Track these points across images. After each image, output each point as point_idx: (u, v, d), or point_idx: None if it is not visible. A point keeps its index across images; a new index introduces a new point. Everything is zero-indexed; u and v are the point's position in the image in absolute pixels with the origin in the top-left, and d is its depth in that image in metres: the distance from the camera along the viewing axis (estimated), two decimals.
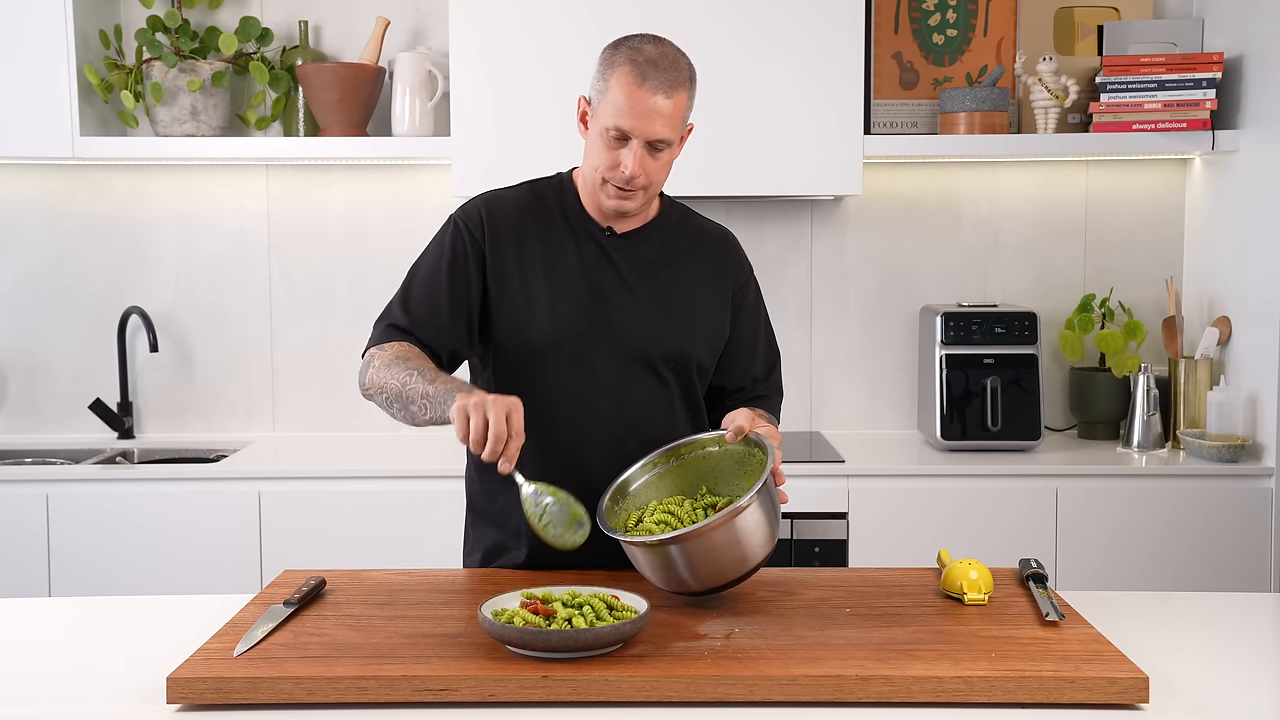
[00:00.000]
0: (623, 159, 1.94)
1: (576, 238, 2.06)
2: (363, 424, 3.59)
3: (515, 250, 2.04)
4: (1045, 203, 3.57)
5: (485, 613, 1.65)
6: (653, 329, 2.06)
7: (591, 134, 1.98)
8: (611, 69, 1.94)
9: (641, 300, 2.06)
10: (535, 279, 2.03)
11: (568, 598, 1.71)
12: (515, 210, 2.07)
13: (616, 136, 1.94)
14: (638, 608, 1.69)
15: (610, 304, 2.04)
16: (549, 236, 2.05)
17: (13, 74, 3.21)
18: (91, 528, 3.07)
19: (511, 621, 1.63)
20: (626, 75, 1.92)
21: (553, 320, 2.02)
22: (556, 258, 2.04)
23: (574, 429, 2.03)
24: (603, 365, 2.04)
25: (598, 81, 1.97)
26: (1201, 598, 2.12)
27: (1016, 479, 3.10)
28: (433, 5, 3.48)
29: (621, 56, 1.94)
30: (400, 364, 1.94)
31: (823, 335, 3.59)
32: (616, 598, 1.71)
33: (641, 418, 2.06)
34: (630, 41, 1.97)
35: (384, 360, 1.97)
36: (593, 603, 1.67)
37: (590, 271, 2.04)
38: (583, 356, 2.03)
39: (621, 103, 1.91)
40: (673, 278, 2.09)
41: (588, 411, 2.03)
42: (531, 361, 2.03)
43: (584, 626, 1.61)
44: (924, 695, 1.55)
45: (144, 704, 1.58)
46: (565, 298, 2.02)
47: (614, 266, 2.05)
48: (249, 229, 3.57)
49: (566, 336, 2.02)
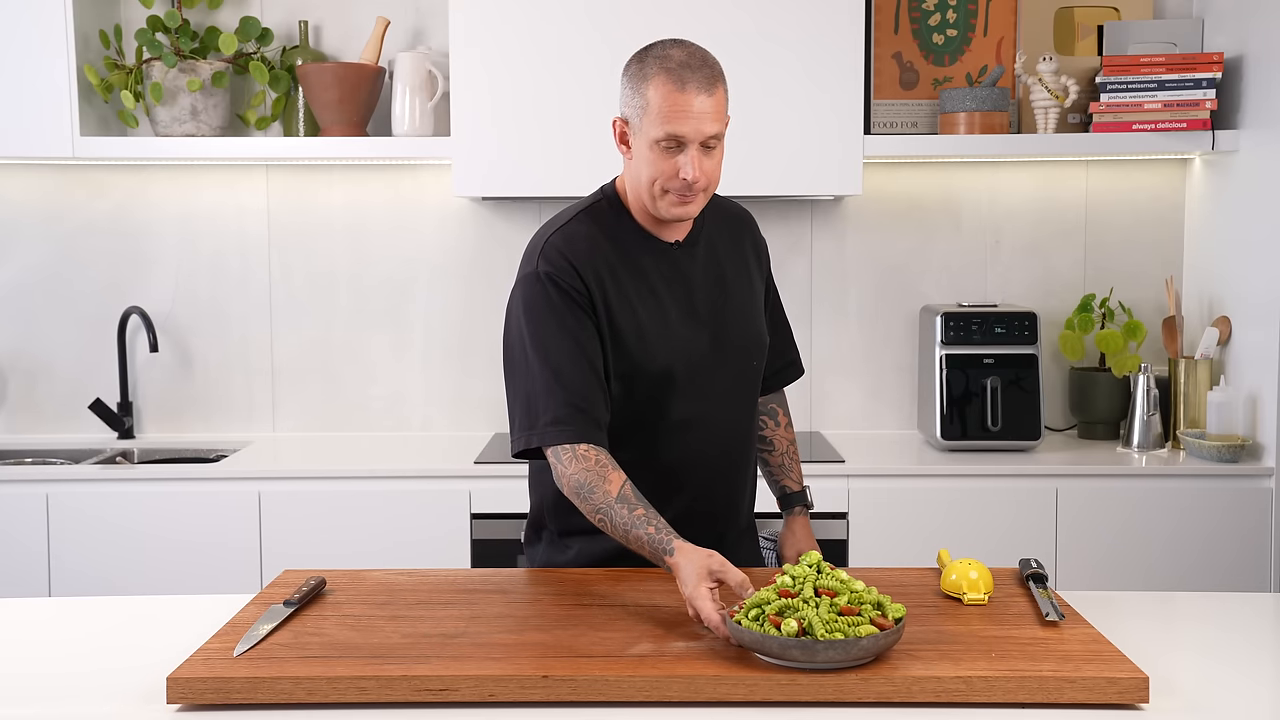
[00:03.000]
0: (682, 165, 1.92)
1: (651, 259, 2.03)
2: (363, 424, 3.59)
3: (613, 285, 1.98)
4: (1045, 203, 3.57)
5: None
6: (743, 328, 2.09)
7: (639, 149, 1.95)
8: (646, 82, 1.92)
9: (724, 304, 2.07)
10: (632, 311, 1.99)
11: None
12: (592, 246, 2.00)
13: (670, 146, 1.91)
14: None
15: (701, 316, 2.04)
16: (630, 264, 2.01)
17: (13, 74, 3.21)
18: (91, 528, 3.07)
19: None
20: (665, 83, 1.90)
21: (669, 346, 2.00)
22: (645, 284, 2.01)
23: (687, 446, 2.04)
24: (715, 377, 2.05)
25: (633, 97, 1.94)
26: (1202, 598, 2.12)
27: (1016, 479, 3.10)
28: (433, 5, 3.48)
29: (652, 68, 1.92)
30: (585, 496, 1.88)
31: (823, 335, 3.59)
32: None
33: (743, 421, 2.12)
34: (655, 51, 1.95)
35: (570, 485, 1.90)
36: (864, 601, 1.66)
37: (674, 288, 2.03)
38: (697, 373, 2.03)
39: (669, 111, 1.89)
40: (731, 270, 2.11)
41: (706, 424, 2.05)
42: (641, 389, 2.00)
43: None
44: (924, 695, 1.55)
45: (144, 704, 1.58)
46: (670, 321, 2.01)
47: (690, 278, 2.05)
48: (249, 229, 3.57)
49: (684, 359, 2.01)
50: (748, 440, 2.15)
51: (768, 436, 2.28)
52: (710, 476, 2.08)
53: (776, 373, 2.28)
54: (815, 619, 1.56)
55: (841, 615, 1.59)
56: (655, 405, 2.01)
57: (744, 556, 2.17)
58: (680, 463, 2.04)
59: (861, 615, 1.60)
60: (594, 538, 2.01)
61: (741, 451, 2.13)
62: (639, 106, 1.93)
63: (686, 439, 2.03)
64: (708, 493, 2.08)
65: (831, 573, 1.68)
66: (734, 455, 2.11)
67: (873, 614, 1.61)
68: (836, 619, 1.58)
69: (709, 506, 2.08)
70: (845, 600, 1.63)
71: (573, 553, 2.09)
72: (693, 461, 2.05)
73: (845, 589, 1.65)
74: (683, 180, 1.92)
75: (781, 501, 2.28)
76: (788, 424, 2.30)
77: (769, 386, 2.27)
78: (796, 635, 1.56)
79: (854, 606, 1.61)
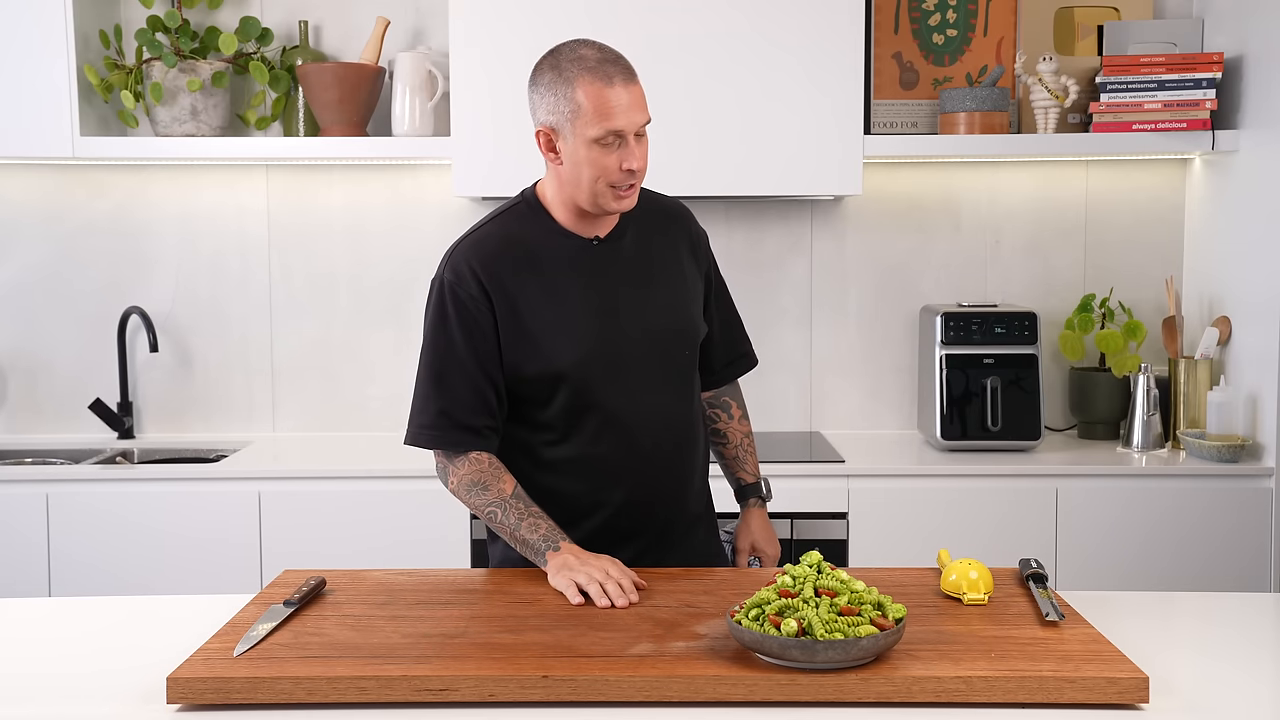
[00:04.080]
0: (625, 158, 1.96)
1: (568, 255, 2.06)
2: (363, 424, 3.59)
3: (518, 287, 2.03)
4: (1045, 203, 3.57)
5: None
6: (667, 319, 2.10)
7: (574, 152, 1.96)
8: (570, 85, 1.94)
9: (648, 296, 2.09)
10: (545, 308, 2.03)
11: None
12: (500, 248, 2.05)
13: (608, 142, 1.95)
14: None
15: (621, 310, 2.06)
16: (542, 262, 2.05)
17: (13, 74, 3.21)
18: (91, 528, 3.07)
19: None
20: (592, 83, 1.93)
21: (576, 342, 2.02)
22: (557, 281, 2.04)
23: (618, 439, 2.06)
24: (639, 368, 2.07)
25: (559, 103, 1.95)
26: (1201, 597, 2.12)
27: (1016, 479, 3.10)
28: (433, 5, 3.48)
29: (572, 70, 1.95)
30: (479, 491, 2.03)
31: (823, 335, 3.59)
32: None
33: (676, 411, 2.13)
34: (565, 54, 1.98)
35: (462, 482, 2.05)
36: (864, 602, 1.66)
37: (592, 283, 2.06)
38: (613, 367, 2.04)
39: (602, 108, 1.93)
40: (660, 264, 2.13)
41: (629, 419, 2.06)
42: (562, 386, 2.03)
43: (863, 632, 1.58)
44: (924, 695, 1.55)
45: (144, 704, 1.58)
46: (580, 317, 2.03)
47: (610, 272, 2.07)
48: (249, 229, 3.57)
49: (594, 354, 2.03)
50: (686, 429, 2.15)
51: (721, 430, 2.30)
52: (646, 467, 2.09)
53: (728, 365, 2.29)
54: (815, 619, 1.56)
55: (841, 615, 1.59)
56: (580, 399, 2.03)
57: (696, 547, 2.19)
58: (614, 455, 2.06)
59: (861, 615, 1.60)
60: None
61: (679, 441, 2.14)
62: (568, 111, 1.95)
63: (617, 431, 2.05)
64: (646, 482, 2.09)
65: (831, 573, 1.68)
66: (670, 445, 2.12)
67: (873, 614, 1.61)
68: (836, 619, 1.58)
69: (648, 496, 2.10)
70: (845, 600, 1.63)
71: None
72: (626, 453, 2.06)
73: (845, 589, 1.65)
74: (627, 171, 1.96)
75: (737, 494, 2.31)
76: (742, 416, 2.32)
77: (720, 379, 2.29)
78: (796, 635, 1.56)
79: (854, 606, 1.61)
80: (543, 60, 2.01)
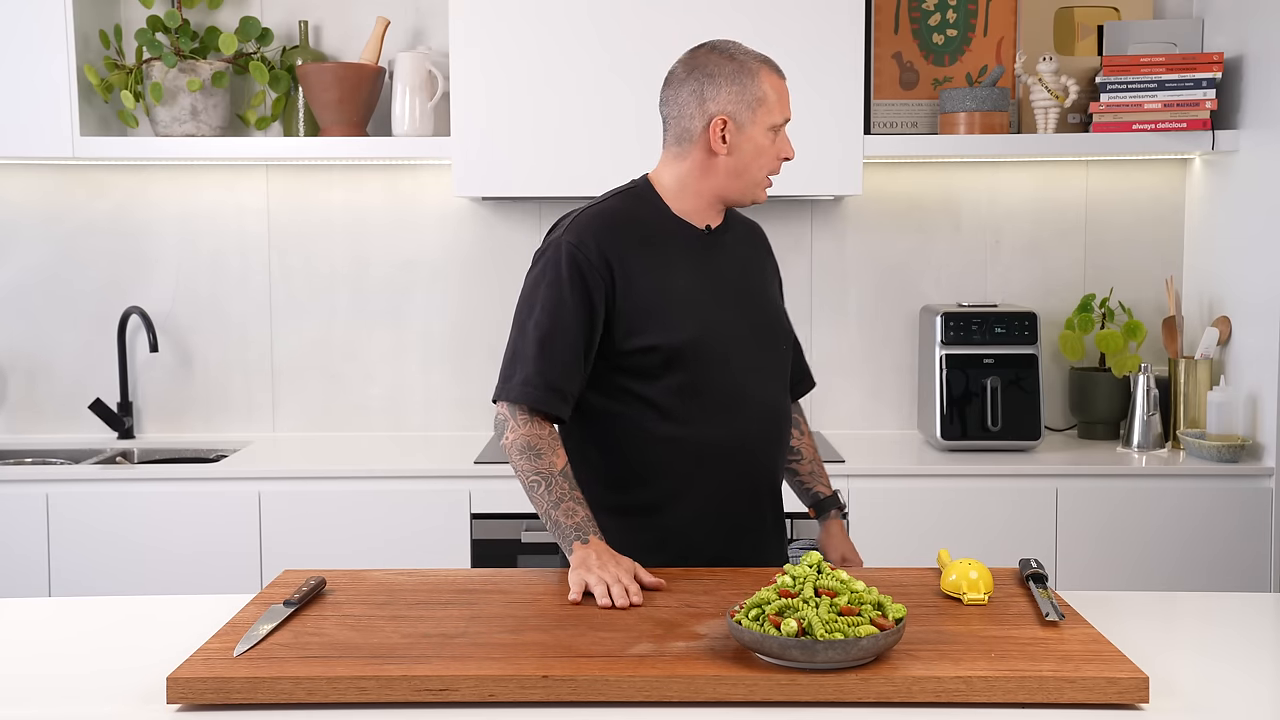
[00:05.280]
0: (784, 149, 2.06)
1: (683, 239, 2.08)
2: (363, 424, 3.59)
3: (638, 260, 2.03)
4: (1045, 203, 3.57)
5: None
6: (769, 313, 2.17)
7: (751, 141, 2.03)
8: (754, 76, 2.02)
9: (750, 289, 2.15)
10: (666, 283, 2.03)
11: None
12: (621, 221, 2.05)
13: (778, 130, 2.05)
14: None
15: (731, 296, 2.10)
16: (660, 241, 2.06)
17: (13, 74, 3.21)
18: (91, 528, 3.07)
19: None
20: (771, 74, 2.04)
21: (698, 318, 2.04)
22: (673, 261, 2.06)
23: (727, 422, 2.06)
24: (748, 355, 2.09)
25: (743, 92, 2.01)
26: (1202, 597, 2.12)
27: (1016, 479, 3.10)
28: (433, 5, 3.48)
29: (752, 62, 2.03)
30: (531, 456, 1.99)
31: (823, 335, 3.59)
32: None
33: (779, 403, 2.15)
34: (729, 48, 2.06)
35: (518, 440, 2.00)
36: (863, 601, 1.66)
37: (704, 268, 2.09)
38: (724, 350, 2.06)
39: (783, 98, 2.04)
40: (755, 264, 2.20)
41: (745, 401, 2.07)
42: (678, 362, 2.03)
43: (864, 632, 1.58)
44: (924, 695, 1.55)
45: (144, 704, 1.58)
46: (700, 295, 2.06)
47: (719, 261, 2.11)
48: (249, 229, 3.57)
49: (710, 333, 2.05)
50: (785, 426, 2.17)
51: (795, 445, 2.30)
52: (752, 456, 2.10)
53: (797, 383, 2.32)
54: (815, 619, 1.56)
55: (841, 615, 1.59)
56: (694, 377, 2.03)
57: (772, 543, 2.19)
58: (724, 438, 2.06)
59: (861, 615, 1.60)
60: None
61: (780, 436, 2.16)
62: (753, 99, 2.01)
63: (727, 415, 2.06)
64: (750, 471, 2.10)
65: (831, 573, 1.68)
66: (773, 438, 2.14)
67: (873, 614, 1.61)
68: (836, 619, 1.58)
69: (751, 485, 2.11)
70: (845, 600, 1.63)
71: None
72: (736, 438, 2.07)
73: (845, 589, 1.65)
74: (785, 159, 2.07)
75: (817, 507, 2.30)
76: (810, 432, 2.35)
77: (792, 397, 2.30)
78: (796, 635, 1.56)
79: (854, 606, 1.61)
80: (705, 55, 2.05)
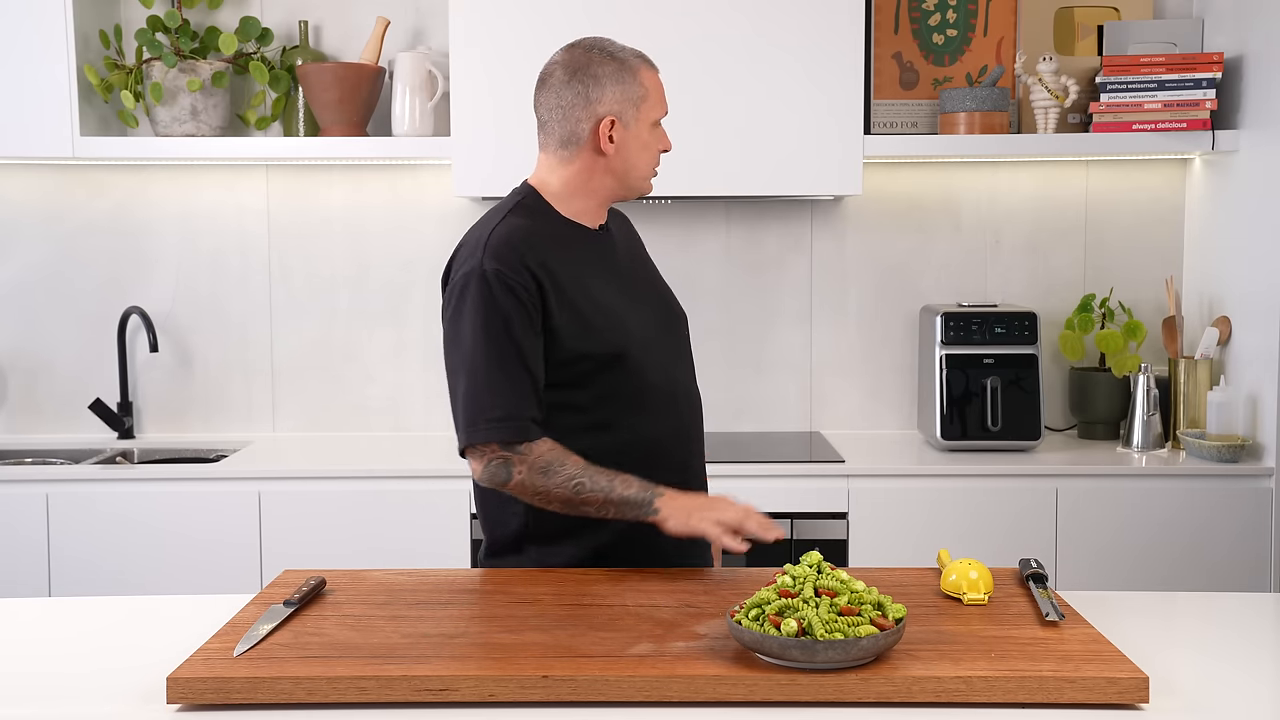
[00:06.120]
0: (663, 140, 2.10)
1: (585, 244, 2.09)
2: (363, 424, 3.59)
3: (560, 272, 2.01)
4: (1045, 203, 3.57)
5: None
6: (671, 302, 2.20)
7: (636, 137, 2.06)
8: (633, 74, 2.05)
9: (649, 281, 2.19)
10: (591, 291, 2.03)
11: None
12: (532, 236, 2.02)
13: (657, 124, 2.09)
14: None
15: (636, 290, 2.13)
16: (568, 251, 2.05)
17: (13, 74, 3.21)
18: (91, 528, 3.07)
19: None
20: (647, 70, 2.07)
21: (624, 320, 2.05)
22: (587, 267, 2.07)
23: (667, 419, 2.09)
24: (668, 347, 2.12)
25: (627, 90, 2.04)
26: (1202, 597, 2.12)
27: (1016, 479, 3.10)
28: (433, 5, 3.48)
29: (630, 59, 2.06)
30: (555, 469, 1.95)
31: (823, 335, 3.59)
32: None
33: (696, 390, 2.18)
34: (607, 46, 2.08)
35: (533, 468, 1.96)
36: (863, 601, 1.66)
37: (610, 269, 2.11)
38: (653, 347, 2.08)
39: (660, 92, 2.09)
40: (638, 253, 2.24)
41: (677, 393, 2.10)
42: (619, 366, 2.02)
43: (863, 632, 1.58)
44: (924, 695, 1.55)
45: (144, 704, 1.58)
46: (618, 298, 2.07)
47: (617, 259, 2.14)
48: (249, 229, 3.57)
49: (642, 333, 2.07)
50: (701, 410, 2.20)
51: None
52: (688, 445, 2.13)
53: None
54: (815, 619, 1.56)
55: (841, 615, 1.59)
56: (636, 380, 2.04)
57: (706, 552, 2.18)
58: (666, 434, 2.08)
59: (861, 615, 1.60)
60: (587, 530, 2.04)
61: (701, 421, 2.19)
62: (636, 97, 2.05)
63: (667, 411, 2.08)
64: (688, 461, 2.13)
65: (831, 573, 1.68)
66: (699, 422, 2.18)
67: (873, 614, 1.61)
68: (836, 619, 1.58)
69: (694, 476, 2.13)
70: (845, 600, 1.63)
71: (571, 550, 2.07)
72: (676, 431, 2.10)
73: (845, 589, 1.65)
74: (664, 152, 2.10)
75: None
76: None
77: None
78: (796, 635, 1.56)
79: (854, 606, 1.61)
80: (582, 54, 2.05)
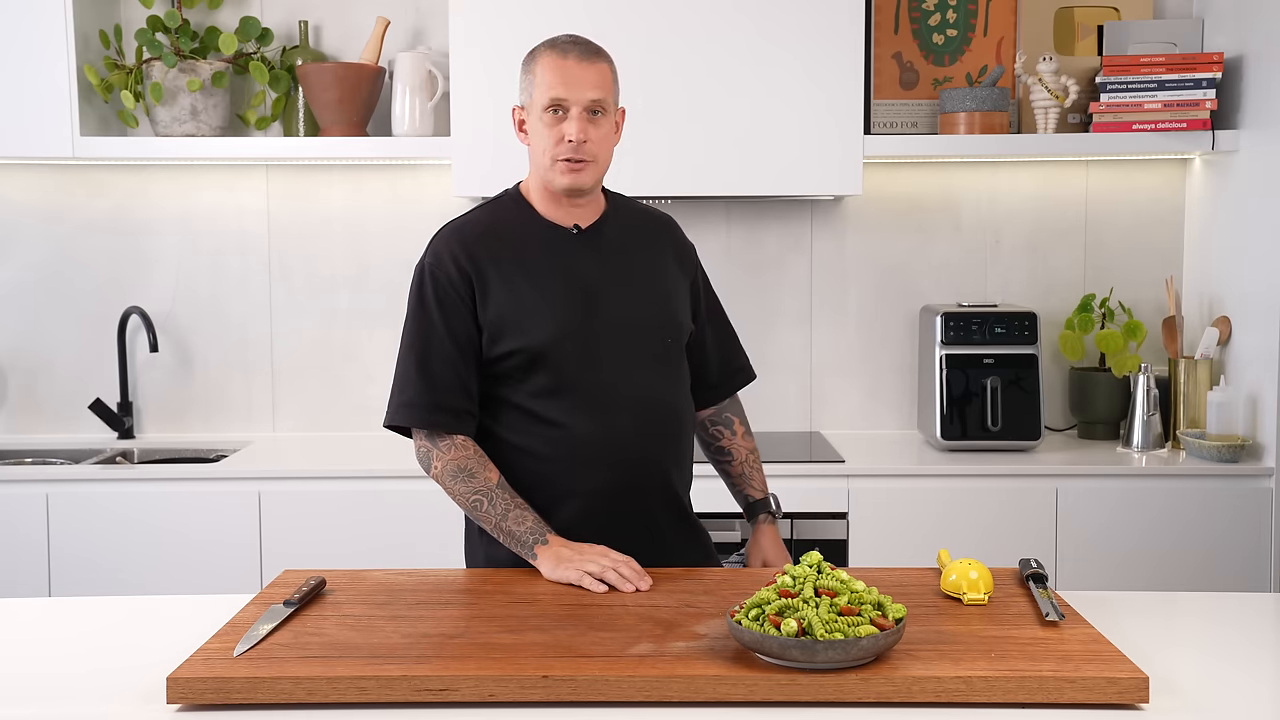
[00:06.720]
0: (566, 129, 2.02)
1: (547, 242, 2.10)
2: (363, 424, 3.59)
3: (496, 269, 2.07)
4: (1045, 203, 3.57)
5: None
6: (647, 309, 2.14)
7: (533, 125, 2.07)
8: (534, 61, 2.06)
9: (626, 287, 2.12)
10: (524, 289, 2.06)
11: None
12: (480, 233, 2.11)
13: (555, 110, 2.02)
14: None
15: (599, 295, 2.09)
16: (520, 248, 2.10)
17: (13, 74, 3.21)
18: (91, 528, 3.07)
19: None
20: (550, 57, 2.04)
21: (552, 321, 2.05)
22: (536, 265, 2.08)
23: (596, 419, 2.07)
24: (612, 353, 2.08)
25: (525, 81, 2.08)
26: (1202, 597, 2.12)
27: (1016, 479, 3.10)
28: (433, 5, 3.48)
29: (540, 49, 2.08)
30: (464, 478, 2.06)
31: (823, 335, 3.59)
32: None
33: (657, 393, 2.12)
34: (545, 40, 2.09)
35: (447, 468, 2.07)
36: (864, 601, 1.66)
37: (571, 268, 2.09)
38: (590, 348, 2.07)
39: (552, 78, 2.02)
40: (640, 261, 2.17)
41: (606, 399, 2.07)
42: (540, 364, 2.05)
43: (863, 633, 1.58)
44: (924, 695, 1.55)
45: (144, 704, 1.58)
46: (559, 298, 2.07)
47: (589, 261, 2.11)
48: (249, 229, 3.57)
49: (570, 334, 2.06)
50: (670, 414, 2.15)
51: (725, 446, 2.31)
52: (627, 453, 2.08)
53: (725, 379, 2.30)
54: (815, 619, 1.56)
55: (841, 615, 1.59)
56: (558, 378, 2.06)
57: (678, 544, 2.17)
58: (597, 435, 2.06)
59: (861, 615, 1.60)
60: None
61: (666, 432, 2.14)
62: (529, 84, 2.06)
63: (595, 410, 2.06)
64: (632, 468, 2.09)
65: (831, 573, 1.68)
66: (654, 433, 2.12)
67: (873, 614, 1.61)
68: (836, 619, 1.58)
69: (631, 479, 2.09)
70: (845, 600, 1.63)
71: None
72: (605, 433, 2.07)
73: (845, 589, 1.65)
74: (569, 143, 2.02)
75: (746, 511, 2.30)
76: (745, 432, 2.33)
77: (719, 394, 2.30)
78: (796, 635, 1.56)
79: (854, 606, 1.61)
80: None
